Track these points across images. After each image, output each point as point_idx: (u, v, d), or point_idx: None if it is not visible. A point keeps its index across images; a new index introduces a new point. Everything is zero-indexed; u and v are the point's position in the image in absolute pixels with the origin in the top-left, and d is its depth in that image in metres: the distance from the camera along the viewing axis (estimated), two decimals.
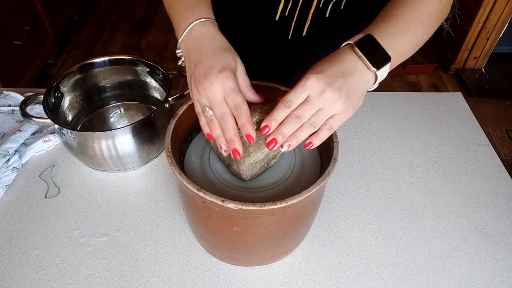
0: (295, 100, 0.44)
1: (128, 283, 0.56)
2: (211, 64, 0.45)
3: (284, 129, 0.44)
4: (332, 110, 0.44)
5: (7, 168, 0.69)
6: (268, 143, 0.44)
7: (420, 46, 0.52)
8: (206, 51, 0.47)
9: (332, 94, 0.43)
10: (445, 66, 2.36)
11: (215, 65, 0.45)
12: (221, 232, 0.50)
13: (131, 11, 2.80)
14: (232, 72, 0.46)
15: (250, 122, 0.45)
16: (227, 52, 0.48)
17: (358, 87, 0.45)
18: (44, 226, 0.63)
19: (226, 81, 0.44)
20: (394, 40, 0.47)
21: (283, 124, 0.44)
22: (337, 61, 0.45)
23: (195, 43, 0.48)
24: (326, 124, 0.45)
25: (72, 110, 0.76)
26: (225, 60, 0.46)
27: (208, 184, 0.51)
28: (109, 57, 0.75)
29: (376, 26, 0.48)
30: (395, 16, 0.48)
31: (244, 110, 0.45)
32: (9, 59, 1.81)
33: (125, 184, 0.69)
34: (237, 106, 0.45)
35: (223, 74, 0.44)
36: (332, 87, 0.43)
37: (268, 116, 0.45)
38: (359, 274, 0.58)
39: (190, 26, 0.48)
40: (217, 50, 0.47)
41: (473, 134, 0.80)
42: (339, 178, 0.71)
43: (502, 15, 2.07)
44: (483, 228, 0.64)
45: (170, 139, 0.49)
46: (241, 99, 0.45)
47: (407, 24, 0.48)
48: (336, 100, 0.43)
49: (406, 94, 0.89)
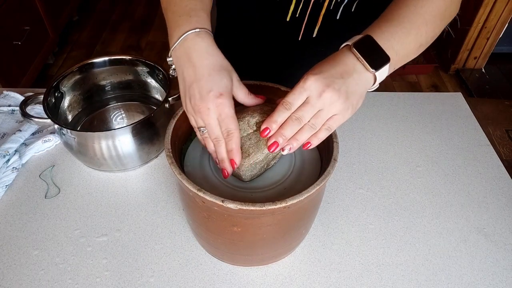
0: (295, 102, 0.44)
1: (128, 283, 0.56)
2: (208, 87, 0.45)
3: (285, 132, 0.44)
4: (332, 111, 0.44)
5: (7, 168, 0.69)
6: (269, 146, 0.45)
7: (426, 45, 0.51)
8: (201, 70, 0.46)
9: (331, 95, 0.43)
10: (445, 66, 2.36)
11: (212, 89, 0.45)
12: (221, 232, 0.50)
13: (131, 11, 2.80)
14: (229, 97, 0.46)
15: (238, 149, 0.46)
16: (223, 71, 0.47)
17: (357, 88, 0.45)
18: (44, 226, 0.63)
19: (223, 108, 0.45)
20: (395, 40, 0.47)
21: (283, 127, 0.44)
22: (336, 62, 0.45)
23: (187, 57, 0.47)
24: (324, 124, 0.45)
25: (72, 110, 0.76)
26: (221, 82, 0.46)
27: (208, 184, 0.51)
28: (109, 57, 0.75)
29: (377, 26, 0.48)
30: (397, 15, 0.48)
31: (235, 137, 0.46)
32: (9, 59, 1.81)
33: (125, 184, 0.69)
34: (229, 133, 0.46)
35: (220, 101, 0.45)
36: (331, 88, 0.43)
37: (268, 118, 0.45)
38: (359, 274, 0.58)
39: (183, 35, 0.47)
40: (212, 69, 0.46)
41: (473, 134, 0.80)
42: (339, 178, 0.71)
43: (502, 15, 2.07)
44: (483, 228, 0.64)
45: (170, 139, 0.49)
46: (234, 126, 0.46)
47: (409, 23, 0.48)
48: (335, 101, 0.43)
49: (406, 94, 0.89)
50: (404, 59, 0.49)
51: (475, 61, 2.29)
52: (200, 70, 0.46)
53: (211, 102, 0.45)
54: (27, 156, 0.72)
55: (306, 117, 0.44)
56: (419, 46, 0.50)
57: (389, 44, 0.46)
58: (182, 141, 0.56)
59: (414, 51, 0.50)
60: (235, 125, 0.46)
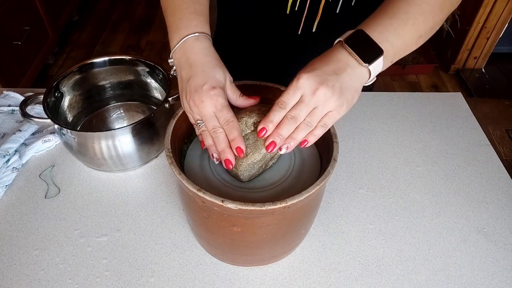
0: (289, 101, 0.44)
1: (128, 283, 0.56)
2: (202, 81, 0.47)
3: (282, 131, 0.45)
4: (326, 107, 0.44)
5: (7, 168, 0.69)
6: (267, 146, 0.45)
7: (427, 36, 0.51)
8: (196, 68, 0.49)
9: (325, 92, 0.43)
10: (445, 66, 2.36)
11: (206, 83, 0.47)
12: (221, 232, 0.50)
13: (131, 11, 2.80)
14: (222, 90, 0.48)
15: (240, 137, 0.47)
16: (217, 68, 0.49)
17: (351, 83, 0.45)
18: (44, 226, 0.63)
19: (217, 98, 0.47)
20: (389, 32, 0.46)
21: (280, 126, 0.45)
22: (329, 59, 0.45)
23: (186, 59, 0.50)
24: (320, 121, 0.45)
25: (72, 110, 0.76)
26: (215, 77, 0.48)
27: (208, 184, 0.51)
28: (109, 57, 0.75)
29: (371, 20, 0.48)
30: (392, 7, 0.48)
31: (235, 125, 0.47)
32: (9, 59, 1.81)
33: (125, 184, 0.69)
34: (228, 122, 0.47)
35: (214, 92, 0.47)
36: (324, 85, 0.43)
37: (264, 118, 0.45)
38: (359, 274, 0.58)
39: (183, 39, 0.50)
40: (206, 67, 0.49)
41: (473, 134, 0.80)
42: (339, 178, 0.71)
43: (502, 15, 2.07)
44: (483, 228, 0.64)
45: (170, 139, 0.49)
46: (231, 115, 0.47)
47: (405, 14, 0.47)
48: (329, 98, 0.43)
49: (406, 94, 0.89)
50: (403, 51, 0.49)
51: (475, 61, 2.29)
52: (195, 68, 0.49)
53: (205, 94, 0.47)
54: (27, 156, 0.72)
55: (301, 115, 0.44)
56: (418, 37, 0.50)
57: (383, 37, 0.46)
58: (182, 141, 0.56)
59: (413, 42, 0.49)
60: (232, 114, 0.47)
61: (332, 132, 0.50)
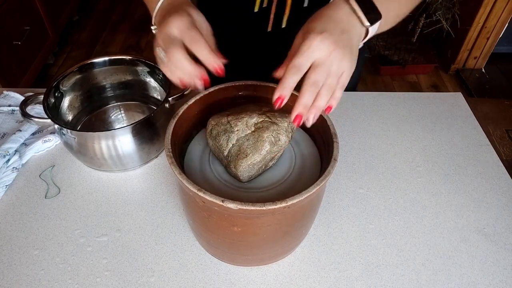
0: (305, 63, 0.42)
1: (128, 283, 0.56)
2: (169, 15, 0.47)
3: (305, 100, 0.42)
4: (341, 68, 0.43)
5: (7, 168, 0.69)
6: (294, 119, 0.43)
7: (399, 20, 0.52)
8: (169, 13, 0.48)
9: (340, 52, 0.42)
10: (445, 66, 2.36)
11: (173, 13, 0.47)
12: (221, 232, 0.50)
13: (131, 11, 2.80)
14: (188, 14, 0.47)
15: (212, 53, 0.45)
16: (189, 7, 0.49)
17: (355, 42, 0.45)
18: (44, 226, 0.63)
19: (181, 19, 0.46)
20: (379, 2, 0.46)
21: (301, 96, 0.42)
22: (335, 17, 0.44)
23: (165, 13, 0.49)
24: (338, 83, 0.44)
25: (72, 110, 0.76)
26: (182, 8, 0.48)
27: (208, 184, 0.51)
28: (109, 57, 0.75)
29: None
30: None
31: (202, 43, 0.45)
32: (9, 59, 1.81)
33: (125, 184, 0.69)
34: (194, 39, 0.45)
35: (178, 15, 0.46)
36: (339, 45, 0.42)
37: (279, 85, 0.42)
38: (359, 274, 0.58)
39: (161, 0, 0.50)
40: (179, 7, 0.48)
41: (473, 134, 0.80)
42: (339, 178, 0.71)
43: (502, 15, 2.07)
44: (483, 228, 0.64)
45: (170, 139, 0.49)
46: (196, 32, 0.45)
47: None
48: (343, 58, 0.42)
49: (406, 94, 0.89)
50: (384, 25, 0.49)
51: (475, 61, 2.29)
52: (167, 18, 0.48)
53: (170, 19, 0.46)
54: (27, 156, 0.72)
55: (321, 80, 0.42)
56: (396, 17, 0.51)
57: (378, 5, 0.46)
58: (182, 141, 0.56)
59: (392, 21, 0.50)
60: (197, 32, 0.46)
61: (332, 132, 0.50)
